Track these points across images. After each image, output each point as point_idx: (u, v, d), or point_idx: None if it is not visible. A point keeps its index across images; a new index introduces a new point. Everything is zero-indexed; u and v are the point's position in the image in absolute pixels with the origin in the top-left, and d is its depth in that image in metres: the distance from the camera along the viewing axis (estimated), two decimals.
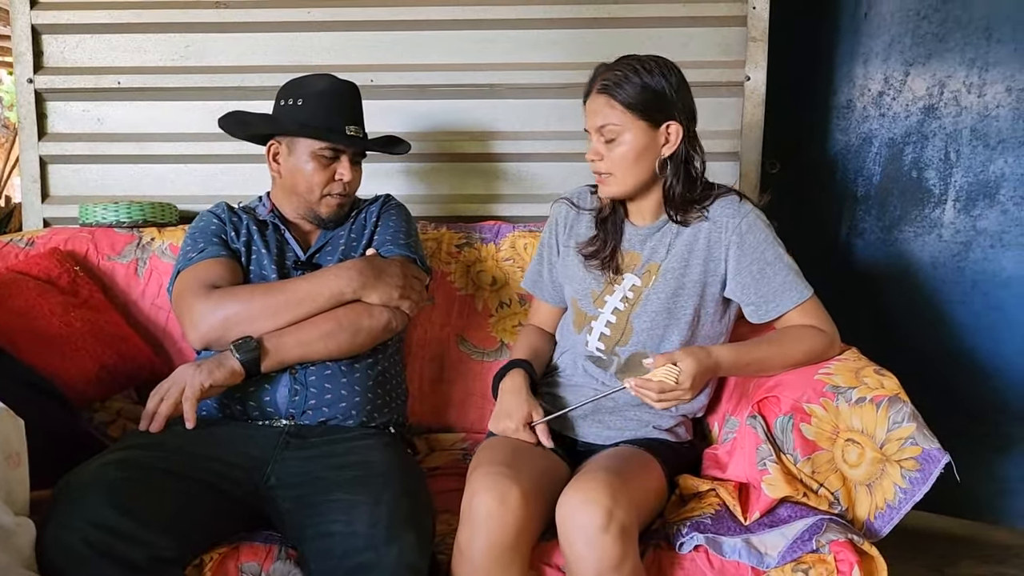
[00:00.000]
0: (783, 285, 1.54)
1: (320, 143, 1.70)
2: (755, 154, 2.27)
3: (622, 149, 1.52)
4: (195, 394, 1.47)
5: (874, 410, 1.36)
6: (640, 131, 1.51)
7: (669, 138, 1.53)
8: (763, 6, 2.20)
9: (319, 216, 1.76)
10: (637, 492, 1.37)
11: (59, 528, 1.22)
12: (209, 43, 2.31)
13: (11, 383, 1.47)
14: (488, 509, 1.31)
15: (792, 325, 1.55)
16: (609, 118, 1.52)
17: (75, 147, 2.34)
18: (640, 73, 1.51)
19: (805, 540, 1.26)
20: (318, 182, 1.72)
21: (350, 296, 1.62)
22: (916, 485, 1.31)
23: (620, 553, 1.26)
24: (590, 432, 1.63)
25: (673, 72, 1.54)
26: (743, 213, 1.56)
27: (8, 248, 2.04)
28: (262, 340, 1.55)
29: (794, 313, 1.54)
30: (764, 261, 1.54)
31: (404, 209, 1.88)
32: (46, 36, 2.33)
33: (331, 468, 1.47)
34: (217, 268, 1.65)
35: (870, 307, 2.44)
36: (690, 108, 1.56)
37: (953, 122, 2.30)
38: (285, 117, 1.72)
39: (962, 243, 2.31)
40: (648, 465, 1.49)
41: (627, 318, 1.61)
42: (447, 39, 2.28)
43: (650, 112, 1.51)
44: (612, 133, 1.52)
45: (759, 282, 1.55)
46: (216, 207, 1.81)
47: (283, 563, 1.37)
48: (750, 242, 1.54)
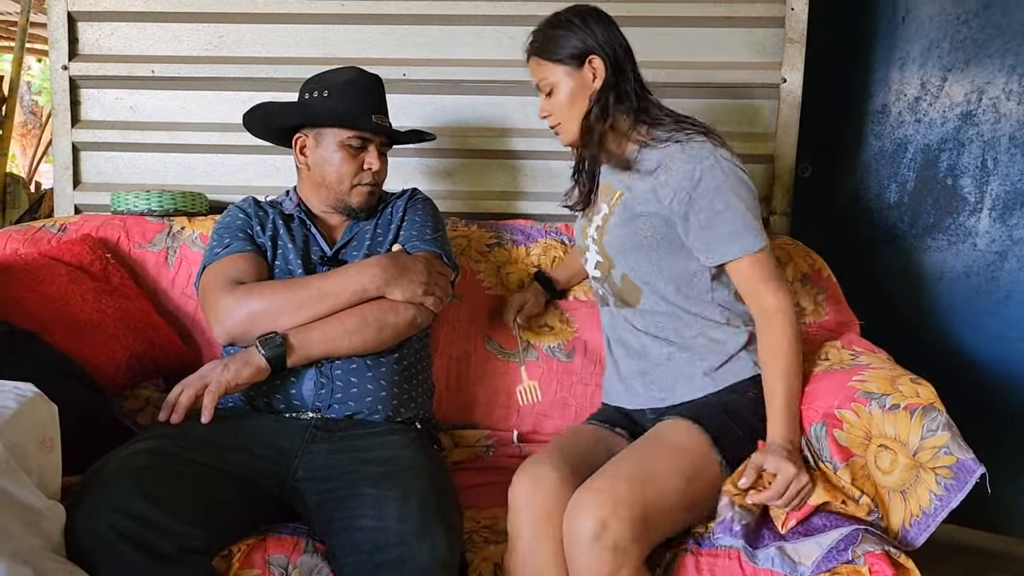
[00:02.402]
0: (730, 235, 1.51)
1: (348, 132, 1.70)
2: (789, 158, 2.25)
3: (558, 98, 1.61)
4: (218, 389, 1.47)
5: (908, 417, 1.34)
6: (566, 75, 1.59)
7: (595, 72, 1.58)
8: (802, 7, 2.18)
9: (350, 207, 1.76)
10: (655, 497, 1.32)
11: (88, 515, 1.22)
12: (243, 33, 2.32)
13: (44, 368, 1.48)
14: (524, 492, 1.37)
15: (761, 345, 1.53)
16: (539, 74, 1.63)
17: (108, 135, 2.36)
18: (553, 25, 1.61)
19: (841, 550, 1.25)
20: (347, 172, 1.72)
21: (373, 293, 1.61)
22: (952, 492, 1.29)
23: (609, 568, 1.24)
24: (637, 397, 1.65)
25: (587, 12, 1.60)
26: (700, 160, 1.52)
27: (41, 233, 2.05)
28: (287, 336, 1.55)
29: (743, 263, 1.52)
30: (712, 210, 1.51)
31: (431, 203, 1.88)
32: (82, 23, 2.34)
33: (358, 462, 1.46)
34: (242, 263, 1.65)
35: (901, 314, 2.41)
36: (610, 39, 1.59)
37: (991, 129, 2.26)
38: (310, 108, 1.73)
39: (997, 252, 2.28)
40: (691, 458, 1.41)
41: (602, 244, 1.66)
42: (480, 34, 2.28)
43: (569, 55, 1.58)
44: (547, 87, 1.62)
45: (705, 230, 1.53)
46: (243, 201, 1.81)
47: (310, 556, 1.36)
48: (701, 191, 1.51)
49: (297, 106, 1.77)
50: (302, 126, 1.76)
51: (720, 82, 2.23)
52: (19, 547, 1.09)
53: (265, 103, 1.84)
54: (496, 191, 2.34)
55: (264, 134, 1.86)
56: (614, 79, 1.57)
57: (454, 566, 1.32)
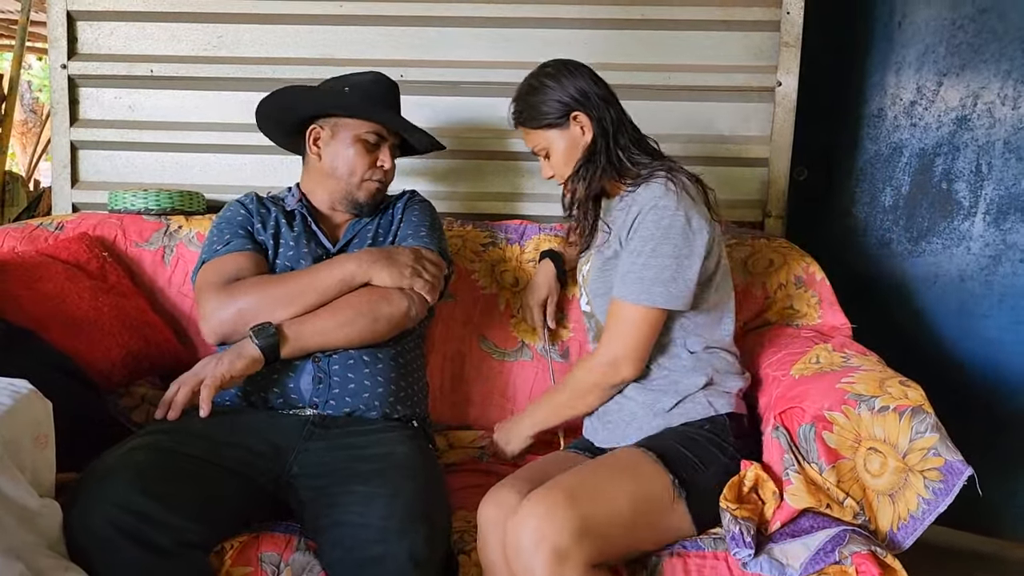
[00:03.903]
0: (626, 275, 1.52)
1: (367, 126, 1.73)
2: (784, 161, 2.26)
3: (554, 159, 1.64)
4: (214, 383, 1.48)
5: (897, 419, 1.34)
6: (556, 138, 1.62)
7: (583, 126, 1.60)
8: (797, 11, 2.19)
9: (356, 201, 1.77)
10: (597, 507, 1.30)
11: (86, 510, 1.23)
12: (242, 34, 2.33)
13: (40, 365, 1.49)
14: (488, 518, 1.38)
15: (573, 371, 1.63)
16: (531, 141, 1.67)
17: (106, 133, 2.37)
18: (530, 92, 1.63)
19: (828, 551, 1.25)
20: (360, 165, 1.74)
21: (361, 278, 1.63)
22: (939, 496, 1.29)
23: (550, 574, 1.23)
24: (598, 435, 1.64)
25: (558, 70, 1.62)
26: (650, 201, 1.51)
27: (38, 232, 2.06)
28: (281, 327, 1.56)
29: (612, 307, 1.55)
30: (631, 249, 1.52)
31: (428, 204, 1.90)
32: (81, 22, 2.35)
33: (353, 459, 1.47)
34: (241, 261, 1.66)
35: (895, 317, 2.41)
36: (586, 90, 1.60)
37: (986, 134, 2.27)
38: (332, 97, 1.75)
39: (991, 257, 2.28)
40: (637, 474, 1.39)
41: (587, 286, 1.69)
42: (478, 36, 2.29)
43: (552, 119, 1.61)
44: (542, 151, 1.66)
45: (622, 260, 1.55)
46: (244, 197, 1.82)
47: (302, 554, 1.37)
48: (637, 225, 1.52)
49: (319, 94, 1.79)
50: (318, 117, 1.77)
51: (716, 85, 2.24)
52: (12, 543, 1.09)
53: (285, 89, 1.81)
54: (493, 192, 2.35)
55: (275, 126, 1.86)
56: (601, 127, 1.60)
57: (430, 566, 1.31)
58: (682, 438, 1.49)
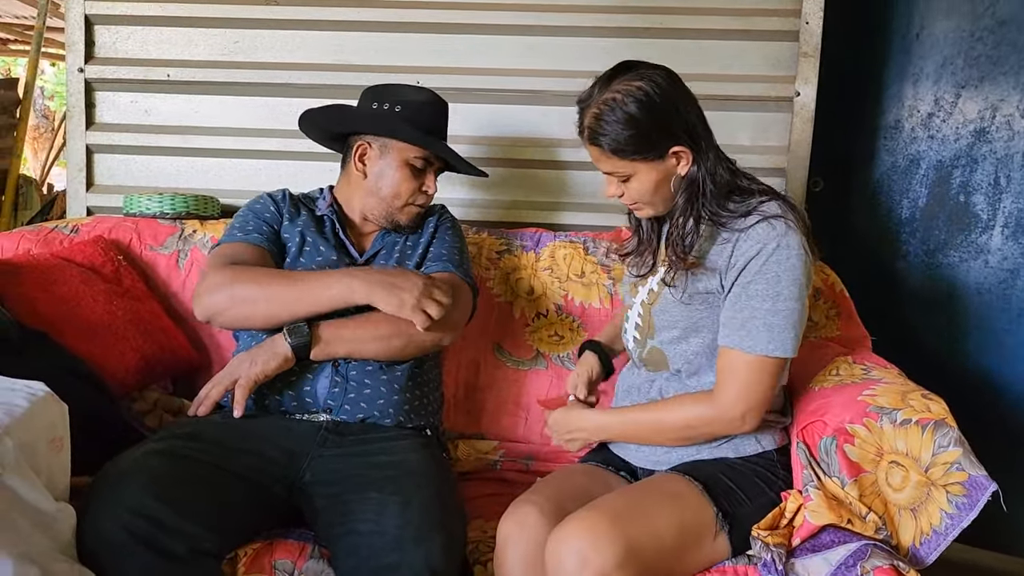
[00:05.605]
0: (749, 321, 1.39)
1: (417, 150, 1.71)
2: (802, 171, 2.25)
3: (637, 186, 1.46)
4: (248, 383, 1.50)
5: (919, 432, 1.32)
6: (646, 169, 1.44)
7: (679, 158, 1.44)
8: (816, 22, 2.18)
9: (397, 223, 1.77)
10: (643, 535, 1.26)
11: (99, 515, 1.22)
12: (258, 39, 2.33)
13: (54, 368, 1.48)
14: (508, 533, 1.35)
15: (683, 400, 1.47)
16: (612, 167, 1.46)
17: (122, 137, 2.37)
18: (616, 111, 1.40)
19: (849, 566, 1.23)
20: (406, 190, 1.73)
21: (361, 299, 1.57)
22: (963, 511, 1.27)
23: None
24: (637, 455, 1.57)
25: (655, 92, 1.40)
26: (767, 242, 1.39)
27: (53, 235, 2.06)
28: (317, 328, 1.56)
29: (730, 355, 1.41)
30: (755, 293, 1.39)
31: (458, 225, 1.91)
32: (98, 26, 2.36)
33: (366, 467, 1.46)
34: (253, 253, 1.66)
35: (912, 331, 2.39)
36: (687, 120, 1.43)
37: (1005, 147, 2.25)
38: (387, 119, 1.72)
39: (1009, 270, 2.26)
40: (683, 504, 1.35)
41: (649, 312, 1.55)
42: (495, 44, 2.28)
43: (647, 151, 1.42)
44: (622, 176, 1.47)
45: (732, 304, 1.42)
46: (276, 192, 1.83)
47: (316, 562, 1.36)
48: (752, 268, 1.40)
49: (373, 117, 1.74)
50: (365, 132, 1.75)
51: (734, 95, 2.23)
52: (27, 547, 1.08)
53: (338, 105, 1.81)
54: (510, 200, 2.34)
55: (319, 133, 1.85)
56: (698, 159, 1.44)
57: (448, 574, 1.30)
58: (725, 467, 1.45)
